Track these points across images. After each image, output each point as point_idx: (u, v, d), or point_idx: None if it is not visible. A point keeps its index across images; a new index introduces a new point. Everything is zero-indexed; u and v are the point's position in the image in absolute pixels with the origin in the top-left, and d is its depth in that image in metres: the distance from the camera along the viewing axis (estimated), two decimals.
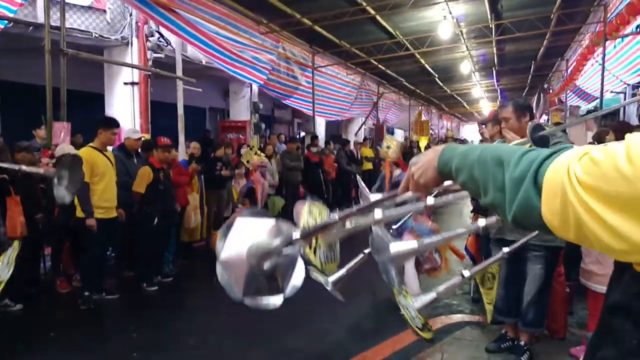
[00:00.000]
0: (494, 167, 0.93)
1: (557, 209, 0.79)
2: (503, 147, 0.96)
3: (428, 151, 1.15)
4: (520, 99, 3.58)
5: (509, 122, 3.43)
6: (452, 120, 39.91)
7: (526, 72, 18.06)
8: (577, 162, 0.78)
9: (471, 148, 1.03)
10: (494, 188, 0.93)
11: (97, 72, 8.20)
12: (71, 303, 4.97)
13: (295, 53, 11.96)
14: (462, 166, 1.02)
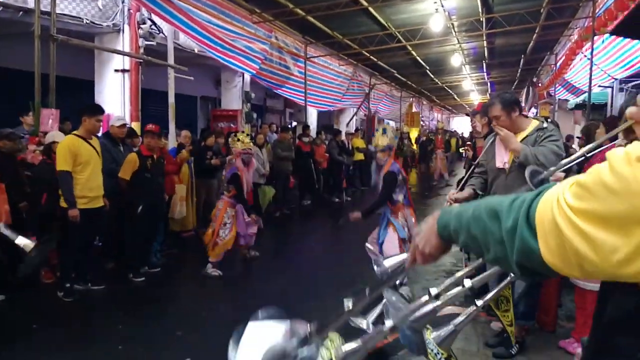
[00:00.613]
0: (489, 221, 0.93)
1: (554, 245, 0.79)
2: (494, 200, 0.96)
3: (427, 219, 1.14)
4: (506, 94, 3.56)
5: (499, 119, 3.42)
6: (443, 112, 40.06)
7: (516, 66, 18.17)
8: (567, 190, 0.78)
9: (465, 207, 1.03)
10: (493, 242, 0.92)
11: (87, 59, 8.08)
12: (55, 294, 4.92)
13: (288, 43, 11.90)
14: (460, 227, 1.01)
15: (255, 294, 5.32)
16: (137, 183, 5.48)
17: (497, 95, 3.60)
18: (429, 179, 16.34)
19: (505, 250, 0.89)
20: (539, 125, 3.44)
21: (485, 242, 0.94)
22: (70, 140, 4.87)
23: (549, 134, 3.34)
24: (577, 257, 0.76)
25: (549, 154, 3.24)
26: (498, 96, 3.54)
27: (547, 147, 3.27)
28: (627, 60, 9.07)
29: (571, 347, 3.51)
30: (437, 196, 13.07)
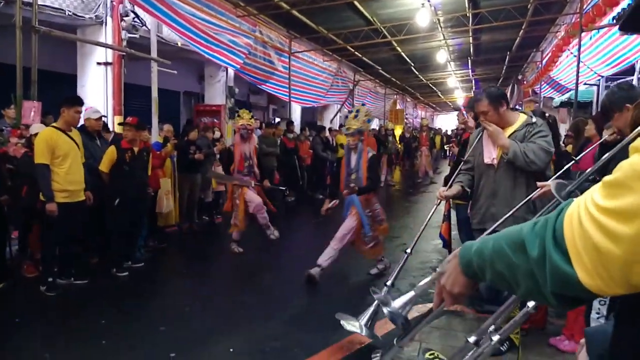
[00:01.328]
0: (512, 254, 0.84)
1: (591, 265, 0.70)
2: (513, 229, 0.87)
3: (449, 257, 1.07)
4: (493, 89, 3.50)
5: (487, 115, 3.39)
6: (427, 110, 40.30)
7: (501, 63, 18.36)
8: (594, 194, 0.71)
9: (484, 241, 0.94)
10: (522, 276, 0.83)
11: (69, 52, 7.94)
12: (38, 288, 4.84)
13: (273, 38, 11.83)
14: (483, 264, 0.92)
15: (242, 289, 5.28)
16: (116, 176, 5.41)
17: (483, 91, 3.56)
18: (414, 176, 16.43)
19: (537, 283, 0.79)
20: (528, 120, 3.41)
21: (512, 277, 0.85)
22: (48, 132, 4.77)
23: (538, 130, 3.31)
24: (622, 271, 0.67)
25: (538, 151, 3.22)
26: (484, 91, 3.49)
27: (536, 144, 3.24)
28: (615, 57, 9.01)
29: (562, 345, 3.47)
30: (421, 193, 13.13)
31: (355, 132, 5.06)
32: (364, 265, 5.98)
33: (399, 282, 5.23)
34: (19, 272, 5.32)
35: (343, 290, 5.07)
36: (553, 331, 3.79)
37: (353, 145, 5.13)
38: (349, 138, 5.16)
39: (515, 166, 3.33)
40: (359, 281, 5.41)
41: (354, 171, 5.16)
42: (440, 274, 1.08)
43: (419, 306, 4.50)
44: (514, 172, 3.40)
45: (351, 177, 5.18)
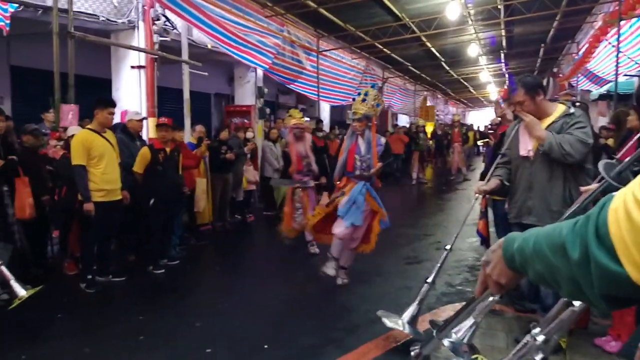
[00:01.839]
0: (553, 257, 0.80)
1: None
2: (552, 229, 0.82)
3: (494, 247, 1.01)
4: (529, 78, 3.36)
5: (523, 104, 3.28)
6: (458, 106, 39.65)
7: (535, 56, 17.84)
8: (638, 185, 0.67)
9: (525, 238, 0.89)
10: (563, 280, 0.79)
11: (104, 57, 8.16)
12: (78, 285, 4.99)
13: (300, 37, 11.85)
14: (524, 263, 0.89)
15: (275, 286, 5.30)
16: (150, 176, 5.51)
17: (519, 80, 3.43)
18: (446, 173, 16.17)
19: (579, 286, 0.75)
20: (566, 110, 3.27)
21: (554, 280, 0.81)
22: (83, 134, 4.90)
23: (576, 120, 3.17)
24: None
25: (575, 143, 3.09)
26: (520, 80, 3.36)
27: (573, 136, 3.12)
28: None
29: (608, 346, 3.30)
30: (454, 191, 12.91)
31: (363, 117, 4.71)
32: (396, 263, 5.92)
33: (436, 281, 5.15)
34: (60, 270, 5.50)
35: (376, 289, 5.01)
36: (597, 331, 3.61)
37: (360, 131, 4.76)
38: (356, 123, 4.76)
39: (551, 158, 3.21)
40: (392, 278, 5.34)
41: (365, 158, 4.81)
42: (485, 262, 1.03)
43: (455, 305, 4.42)
44: (550, 165, 3.28)
45: (363, 164, 4.82)
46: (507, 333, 3.75)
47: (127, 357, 3.48)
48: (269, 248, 7.53)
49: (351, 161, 4.86)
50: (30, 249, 5.09)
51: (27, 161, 4.94)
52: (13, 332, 3.99)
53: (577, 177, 3.21)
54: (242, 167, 8.17)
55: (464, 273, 5.45)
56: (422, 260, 6.02)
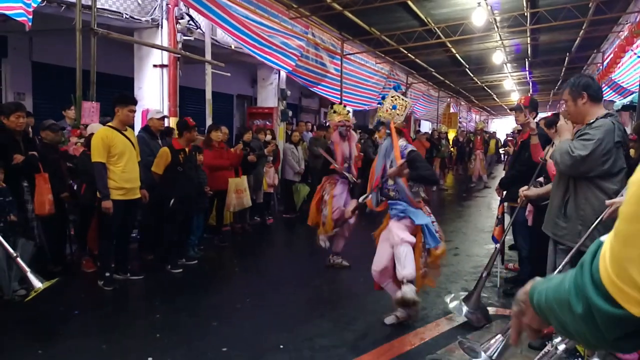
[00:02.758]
0: (562, 314, 0.80)
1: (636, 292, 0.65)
2: (559, 282, 0.82)
3: (521, 294, 0.99)
4: (580, 78, 3.15)
5: (567, 104, 3.13)
6: (481, 114, 39.20)
7: (560, 64, 17.52)
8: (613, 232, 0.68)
9: (540, 291, 0.89)
10: (577, 334, 0.79)
11: (127, 55, 8.22)
12: (96, 283, 4.99)
13: (325, 40, 11.81)
14: (544, 315, 0.89)
15: (292, 288, 5.23)
16: (170, 177, 5.48)
17: (571, 78, 3.25)
18: (467, 180, 15.96)
19: (589, 337, 0.75)
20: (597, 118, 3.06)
21: (569, 333, 0.81)
22: (104, 131, 4.88)
23: (585, 131, 2.99)
24: None
25: (564, 153, 2.96)
26: (571, 79, 3.20)
27: (565, 145, 2.97)
28: None
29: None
30: (475, 198, 12.72)
31: (377, 123, 4.16)
32: None
33: (452, 285, 5.04)
34: (79, 267, 5.52)
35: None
36: None
37: (381, 142, 4.20)
38: (377, 133, 4.28)
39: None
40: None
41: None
42: (516, 309, 1.01)
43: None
44: (560, 174, 3.18)
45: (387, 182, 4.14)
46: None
47: (143, 355, 3.44)
48: (287, 250, 7.49)
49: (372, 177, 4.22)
50: (48, 245, 5.11)
51: (47, 157, 4.96)
52: (30, 328, 4.00)
53: (584, 190, 3.03)
54: (262, 169, 8.14)
55: None
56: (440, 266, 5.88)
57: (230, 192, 6.79)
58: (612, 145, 2.90)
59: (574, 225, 3.05)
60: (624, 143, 2.96)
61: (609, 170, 2.94)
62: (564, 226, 3.13)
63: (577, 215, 3.04)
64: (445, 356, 3.41)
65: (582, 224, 3.00)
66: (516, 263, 5.17)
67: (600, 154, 2.90)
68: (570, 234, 3.07)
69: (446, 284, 5.12)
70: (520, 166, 4.66)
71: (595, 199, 2.95)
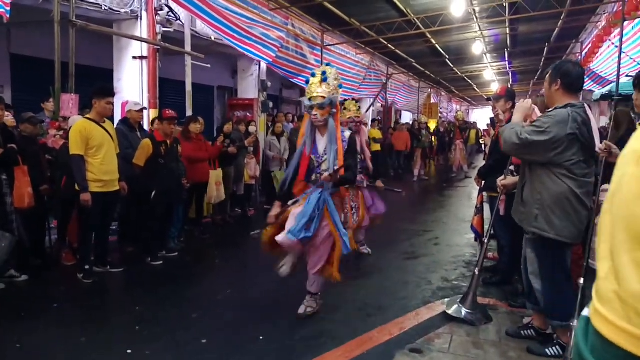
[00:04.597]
0: None
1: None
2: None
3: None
4: (562, 63, 3.16)
5: (544, 86, 3.20)
6: (462, 104, 39.55)
7: (539, 55, 17.77)
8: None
9: None
10: None
11: (106, 47, 8.12)
12: (76, 275, 5.00)
13: (305, 31, 11.80)
14: None
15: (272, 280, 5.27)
16: (151, 169, 5.48)
17: (559, 61, 3.30)
18: (448, 170, 16.15)
19: None
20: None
21: None
22: (82, 124, 4.84)
23: (539, 119, 3.06)
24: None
25: (510, 135, 3.02)
26: (558, 62, 3.25)
27: (517, 128, 3.02)
28: None
29: None
30: (455, 188, 12.90)
31: (326, 102, 3.61)
32: (395, 258, 5.91)
33: (432, 275, 5.16)
34: (58, 260, 5.50)
35: (374, 283, 5.01)
36: None
37: (321, 122, 3.68)
38: (317, 112, 3.65)
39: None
40: (390, 273, 5.33)
41: (324, 159, 3.78)
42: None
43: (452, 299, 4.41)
44: (524, 162, 3.27)
45: (320, 167, 3.80)
46: (499, 328, 3.75)
47: (123, 347, 3.47)
48: None
49: (305, 165, 3.77)
50: (28, 238, 5.08)
51: (26, 150, 4.91)
52: (8, 321, 3.98)
53: (539, 175, 3.07)
54: (243, 160, 8.15)
55: (460, 268, 5.44)
56: (419, 256, 6.01)
57: (211, 184, 6.82)
58: (564, 136, 2.89)
59: (530, 210, 3.11)
60: (582, 135, 2.91)
61: (557, 160, 2.94)
62: (522, 211, 3.20)
63: (534, 199, 3.09)
64: (425, 345, 3.46)
65: (538, 208, 3.05)
66: (495, 252, 5.30)
67: (547, 142, 2.91)
68: (527, 218, 3.14)
69: (426, 274, 5.21)
70: (497, 155, 4.72)
71: (552, 183, 2.99)
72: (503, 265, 4.82)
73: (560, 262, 3.11)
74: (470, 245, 6.30)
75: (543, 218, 3.03)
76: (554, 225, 2.99)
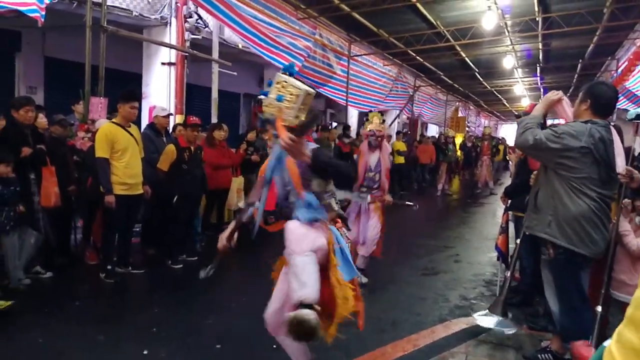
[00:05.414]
0: None
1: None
2: None
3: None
4: (598, 84, 3.18)
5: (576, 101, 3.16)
6: (491, 119, 38.99)
7: (572, 71, 17.41)
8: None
9: None
10: None
11: (135, 52, 8.32)
12: (98, 275, 5.09)
13: (332, 40, 11.85)
14: None
15: None
16: (174, 174, 5.56)
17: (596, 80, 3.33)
18: (473, 186, 15.89)
19: None
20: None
21: None
22: (107, 127, 4.95)
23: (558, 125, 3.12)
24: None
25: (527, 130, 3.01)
26: (595, 81, 3.28)
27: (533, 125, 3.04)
28: None
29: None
30: (480, 205, 12.65)
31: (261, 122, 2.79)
32: (412, 273, 5.82)
33: (450, 293, 5.05)
34: (82, 259, 5.62)
35: (389, 297, 4.93)
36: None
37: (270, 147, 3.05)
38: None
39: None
40: (406, 288, 5.25)
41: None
42: None
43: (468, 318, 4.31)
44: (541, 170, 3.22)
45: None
46: (517, 349, 3.65)
47: (139, 347, 3.52)
48: None
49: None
50: (55, 237, 5.21)
51: (55, 151, 5.05)
52: (33, 314, 4.09)
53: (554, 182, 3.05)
54: None
55: (479, 287, 5.32)
56: (439, 272, 5.90)
57: (232, 190, 6.88)
58: (576, 148, 2.88)
59: (544, 216, 3.06)
60: (597, 151, 2.86)
61: (566, 169, 2.94)
62: (535, 217, 3.16)
63: (548, 205, 3.04)
64: None
65: (552, 215, 3.00)
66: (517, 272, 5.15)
67: (558, 150, 2.91)
68: (540, 224, 3.09)
69: (444, 291, 5.11)
70: (525, 175, 4.59)
71: (568, 199, 2.95)
72: (524, 287, 4.69)
73: (575, 280, 3.03)
74: (492, 264, 6.16)
75: (555, 225, 2.98)
76: (566, 235, 2.95)
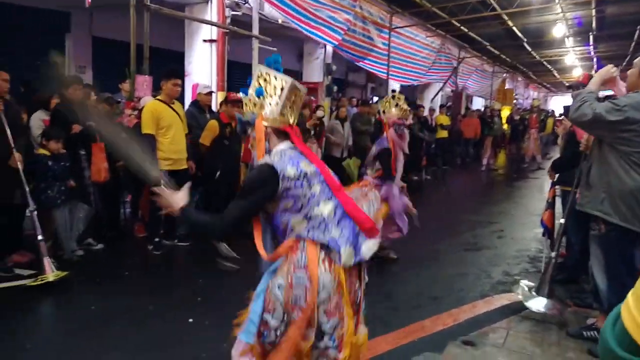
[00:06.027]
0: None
1: None
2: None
3: None
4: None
5: (633, 70, 3.00)
6: (540, 90, 37.47)
7: (629, 39, 16.39)
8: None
9: None
10: None
11: (178, 31, 8.45)
12: (146, 247, 5.32)
13: (373, 13, 11.62)
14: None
15: None
16: (216, 149, 5.66)
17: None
18: (520, 160, 15.44)
19: None
20: None
21: None
22: (153, 104, 5.09)
23: (618, 97, 2.92)
24: None
25: (584, 105, 2.86)
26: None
27: (591, 99, 2.88)
28: None
29: None
30: (526, 179, 12.31)
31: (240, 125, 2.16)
32: (454, 249, 5.77)
33: (493, 269, 4.98)
34: (131, 232, 5.88)
35: (429, 273, 4.92)
36: None
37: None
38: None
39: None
40: (447, 264, 5.22)
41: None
42: None
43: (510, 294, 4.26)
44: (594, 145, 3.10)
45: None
46: (560, 326, 3.58)
47: (184, 316, 3.68)
48: None
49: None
50: (104, 211, 5.46)
51: None
52: (85, 285, 4.34)
53: (608, 158, 2.95)
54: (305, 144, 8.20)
55: (523, 263, 5.23)
56: (481, 248, 5.83)
57: None
58: (638, 119, 2.76)
59: (597, 193, 2.98)
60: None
61: (626, 143, 2.83)
62: (587, 194, 3.08)
63: (601, 182, 2.96)
64: (479, 339, 3.38)
65: (605, 191, 2.92)
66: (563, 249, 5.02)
67: (619, 123, 2.79)
68: (592, 201, 3.01)
69: (487, 267, 5.05)
70: (573, 148, 4.44)
71: (625, 174, 2.84)
72: (571, 262, 4.57)
73: (626, 257, 2.95)
74: (537, 240, 6.03)
75: (609, 202, 2.89)
76: (620, 212, 2.85)
